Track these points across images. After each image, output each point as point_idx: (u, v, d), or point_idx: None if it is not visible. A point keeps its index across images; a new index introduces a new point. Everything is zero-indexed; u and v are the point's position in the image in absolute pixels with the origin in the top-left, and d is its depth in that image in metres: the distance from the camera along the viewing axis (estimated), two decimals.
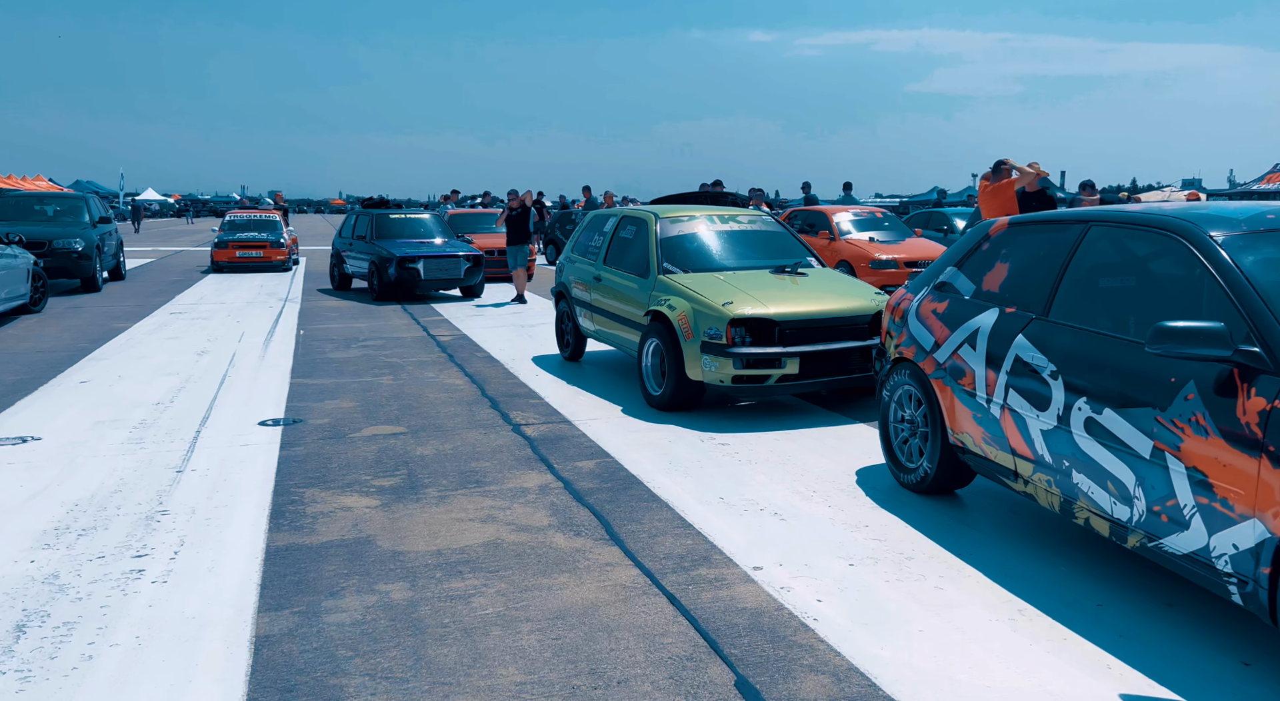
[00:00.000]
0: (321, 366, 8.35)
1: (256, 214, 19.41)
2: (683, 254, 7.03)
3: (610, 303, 7.50)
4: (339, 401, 6.89)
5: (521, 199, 13.78)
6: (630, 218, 7.73)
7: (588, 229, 8.51)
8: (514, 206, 13.70)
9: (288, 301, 13.61)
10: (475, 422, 6.22)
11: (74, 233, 14.44)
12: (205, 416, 6.36)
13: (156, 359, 8.64)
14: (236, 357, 8.74)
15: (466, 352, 9.19)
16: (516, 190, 13.98)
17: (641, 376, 6.69)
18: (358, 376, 7.89)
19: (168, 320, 11.40)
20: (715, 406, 6.63)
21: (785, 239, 7.46)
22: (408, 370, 8.21)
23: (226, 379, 7.70)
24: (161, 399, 6.89)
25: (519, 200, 13.76)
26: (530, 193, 13.91)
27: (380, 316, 12.07)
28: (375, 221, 14.69)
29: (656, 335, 6.48)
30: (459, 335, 10.40)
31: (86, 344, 9.47)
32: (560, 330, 8.83)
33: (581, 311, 8.18)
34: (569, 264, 8.62)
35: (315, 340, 9.92)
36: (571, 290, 8.41)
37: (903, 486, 4.62)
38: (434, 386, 7.47)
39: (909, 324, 4.58)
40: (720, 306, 6.10)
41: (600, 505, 4.48)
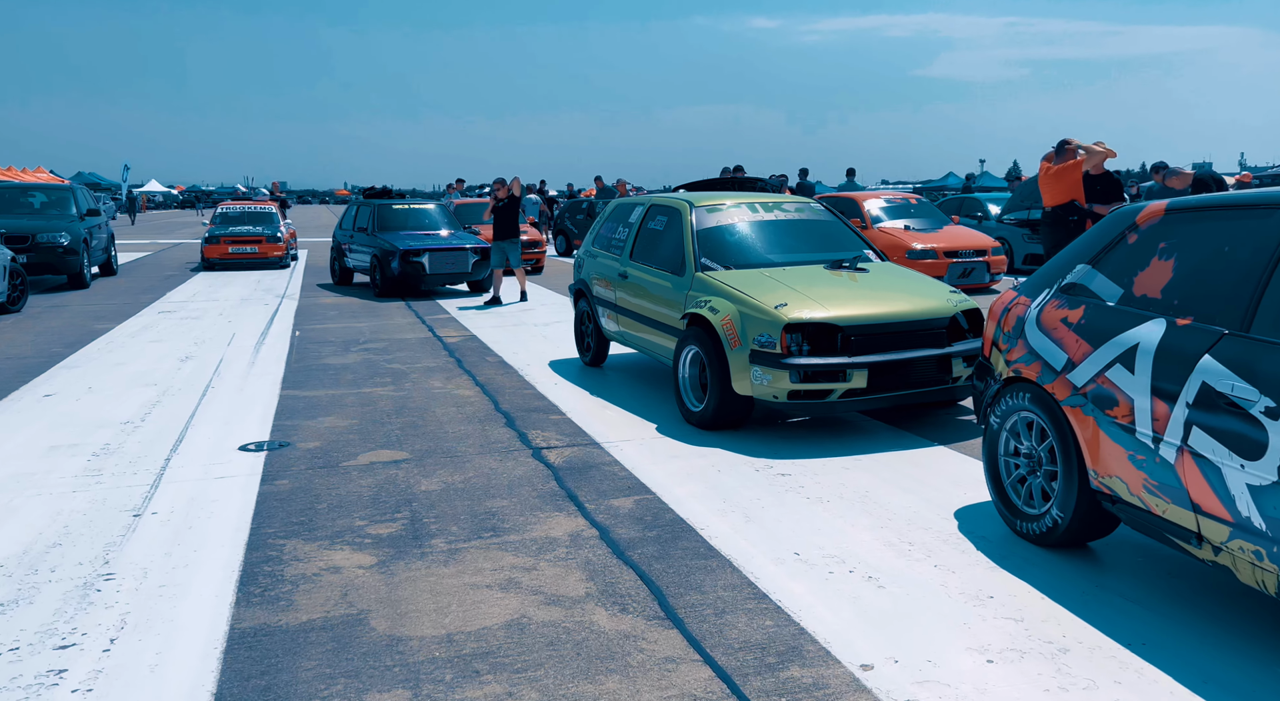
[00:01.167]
0: (317, 374, 7.47)
1: (251, 206, 17.93)
2: (723, 247, 6.13)
3: (638, 303, 6.60)
4: (334, 418, 6.01)
5: (509, 187, 12.17)
6: (660, 206, 6.81)
7: (610, 220, 7.60)
8: (501, 196, 12.09)
9: (285, 298, 12.74)
10: (489, 445, 5.34)
11: (59, 226, 13.58)
12: (179, 439, 5.49)
13: (135, 366, 7.77)
14: (224, 364, 7.87)
15: (476, 357, 8.30)
16: (504, 178, 12.39)
17: (678, 389, 5.79)
18: (356, 387, 7.01)
19: (154, 320, 10.54)
20: (764, 423, 5.74)
21: (838, 229, 6.54)
22: (412, 378, 7.33)
23: (209, 390, 6.83)
24: (132, 417, 6.02)
25: (506, 189, 12.15)
26: (518, 180, 12.34)
27: (383, 315, 11.19)
28: (377, 212, 13.80)
29: (695, 341, 5.59)
30: (467, 336, 9.51)
31: (61, 348, 8.61)
32: (579, 332, 7.93)
33: (604, 312, 7.29)
34: (589, 259, 7.72)
35: (312, 342, 9.05)
36: (592, 288, 7.52)
37: (1019, 536, 3.73)
38: (441, 399, 6.59)
39: (1027, 335, 3.68)
40: (772, 309, 5.20)
41: (647, 563, 3.60)
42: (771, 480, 4.59)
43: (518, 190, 12.18)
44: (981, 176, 41.91)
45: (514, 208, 12.02)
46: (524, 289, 12.32)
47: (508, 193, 12.05)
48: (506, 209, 11.99)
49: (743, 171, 14.26)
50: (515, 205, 12.05)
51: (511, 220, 12.00)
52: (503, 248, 12.02)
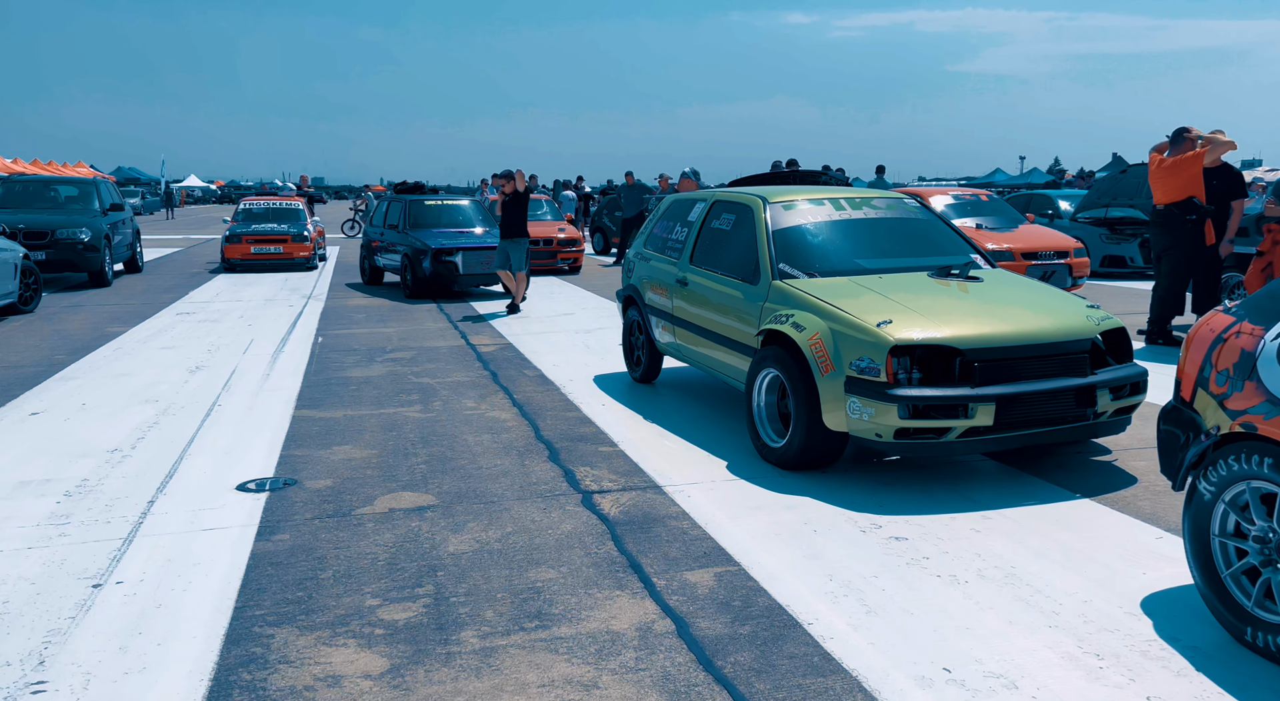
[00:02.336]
0: (336, 390, 6.63)
1: (276, 202, 16.33)
2: (805, 251, 5.17)
3: (700, 314, 5.67)
4: (351, 448, 5.15)
5: (514, 181, 10.66)
6: (726, 203, 5.87)
7: (665, 218, 6.67)
8: (507, 192, 10.64)
9: (310, 299, 11.98)
10: (530, 487, 4.44)
11: (80, 222, 12.93)
12: (169, 473, 4.66)
13: (139, 378, 6.99)
14: (235, 376, 7.06)
15: (513, 369, 7.43)
16: (510, 171, 10.74)
17: (752, 419, 4.86)
18: (379, 406, 6.16)
19: (171, 323, 9.79)
20: (856, 461, 4.78)
21: (938, 229, 5.56)
22: (441, 396, 6.46)
23: (215, 409, 6.01)
24: (122, 442, 5.21)
25: (512, 184, 10.63)
26: (521, 173, 10.78)
27: (412, 318, 10.36)
28: (409, 208, 12.99)
29: (774, 364, 4.65)
30: (503, 344, 8.64)
31: (64, 355, 7.87)
32: (629, 344, 7.02)
33: (658, 322, 6.37)
34: (640, 262, 6.80)
35: (334, 351, 8.23)
36: (644, 295, 6.60)
37: (1249, 648, 2.75)
38: (474, 423, 5.71)
39: (1264, 377, 2.70)
40: (874, 327, 4.25)
41: (746, 681, 2.67)
42: (884, 546, 3.64)
43: (523, 184, 10.78)
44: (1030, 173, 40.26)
45: (521, 204, 10.69)
46: (521, 299, 10.75)
47: (514, 187, 10.68)
48: (513, 205, 10.68)
49: (796, 165, 13.26)
50: (523, 201, 10.72)
51: (519, 218, 10.70)
52: (506, 248, 10.68)
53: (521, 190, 10.68)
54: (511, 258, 10.67)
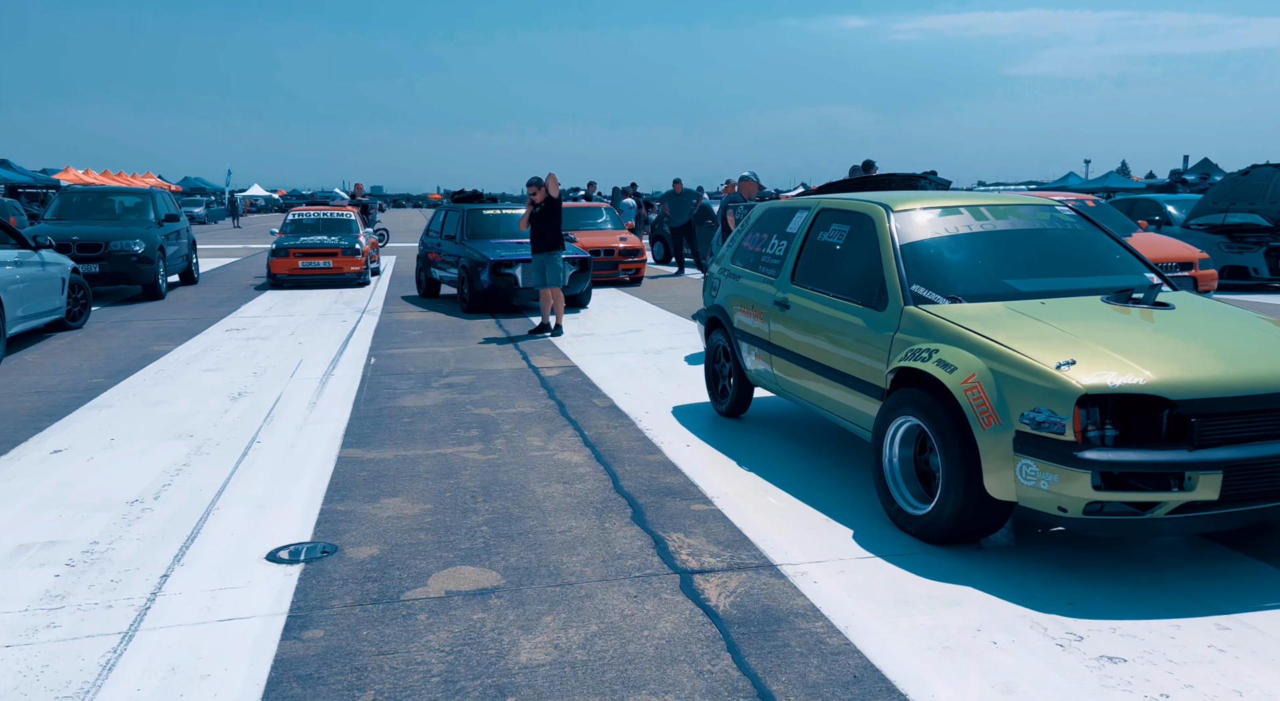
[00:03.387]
0: (387, 423, 5.90)
1: (327, 212, 15.08)
2: (944, 269, 4.26)
3: (807, 343, 4.79)
4: (401, 501, 4.39)
5: (545, 189, 9.50)
6: (837, 212, 4.99)
7: (758, 228, 5.81)
8: (537, 201, 9.52)
9: (364, 314, 11.36)
10: (615, 561, 3.61)
11: (134, 233, 12.53)
12: (192, 535, 3.93)
13: (176, 406, 6.35)
14: (279, 406, 6.38)
15: (581, 398, 6.62)
16: (539, 178, 9.59)
17: (883, 477, 3.96)
18: (434, 444, 5.40)
19: (218, 341, 9.22)
20: (1021, 533, 3.85)
21: (1102, 243, 4.59)
22: (504, 431, 5.68)
23: (253, 448, 5.31)
24: (145, 491, 4.52)
25: (543, 191, 9.51)
26: (554, 178, 9.64)
27: (470, 336, 9.64)
28: (466, 218, 12.32)
29: (915, 410, 3.75)
30: (567, 366, 7.85)
31: (103, 378, 7.29)
32: (713, 372, 6.16)
33: (750, 350, 5.50)
34: (727, 280, 5.95)
35: (387, 375, 7.52)
36: (733, 317, 5.74)
37: None
38: (542, 468, 4.91)
39: None
40: (1053, 369, 3.33)
41: None
42: (1098, 673, 2.72)
43: (556, 191, 9.66)
44: (1107, 176, 38.29)
45: (554, 214, 9.60)
46: (560, 322, 9.63)
47: (545, 195, 9.58)
48: (545, 215, 9.57)
49: (873, 167, 12.26)
50: (555, 210, 9.62)
51: (552, 229, 9.55)
52: (541, 263, 9.58)
53: (555, 197, 9.63)
54: (546, 273, 9.63)
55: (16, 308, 8.20)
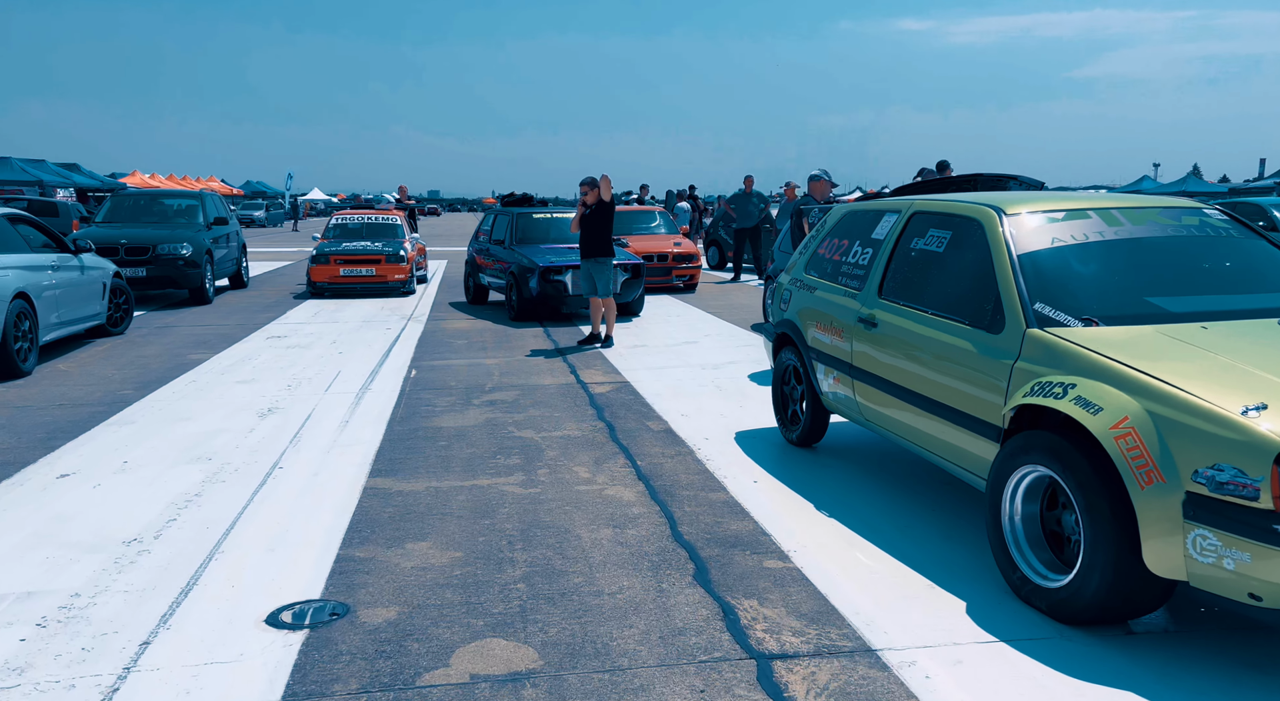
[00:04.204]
0: (422, 447, 5.34)
1: (372, 216, 14.09)
2: (1075, 285, 3.54)
3: (900, 368, 4.09)
4: (429, 546, 3.80)
5: (598, 190, 8.84)
6: (935, 215, 4.28)
7: (836, 234, 5.12)
8: (589, 203, 8.88)
9: (410, 321, 10.89)
10: (675, 638, 2.97)
11: (183, 236, 12.27)
12: (187, 587, 3.40)
13: (201, 423, 5.88)
14: (309, 424, 5.87)
15: (633, 419, 5.99)
16: (593, 178, 8.91)
17: (1003, 537, 3.26)
18: (470, 474, 4.82)
19: (258, 349, 8.81)
20: (1181, 612, 3.11)
21: (1262, 252, 3.80)
22: (548, 458, 5.08)
23: (274, 475, 4.79)
24: (146, 528, 4.01)
25: (595, 193, 8.86)
26: (608, 179, 8.91)
27: (517, 346, 9.09)
28: (515, 222, 11.80)
29: (1045, 458, 3.04)
30: (618, 382, 7.23)
31: (132, 389, 6.88)
32: (782, 395, 5.48)
33: (827, 372, 4.81)
34: (800, 291, 5.26)
35: (426, 389, 6.99)
36: (806, 334, 5.06)
37: None
38: (589, 506, 4.29)
39: None
40: (1236, 415, 2.60)
41: None
42: None
43: (608, 193, 8.93)
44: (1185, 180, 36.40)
45: (606, 218, 8.91)
46: (610, 332, 8.97)
47: (597, 197, 8.90)
48: (596, 219, 8.91)
49: (949, 169, 11.43)
50: (608, 214, 8.93)
51: (603, 234, 8.87)
52: (591, 270, 8.97)
53: (608, 200, 8.94)
54: (596, 282, 9.01)
55: (51, 314, 7.87)
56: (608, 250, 8.98)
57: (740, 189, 15.65)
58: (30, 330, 7.47)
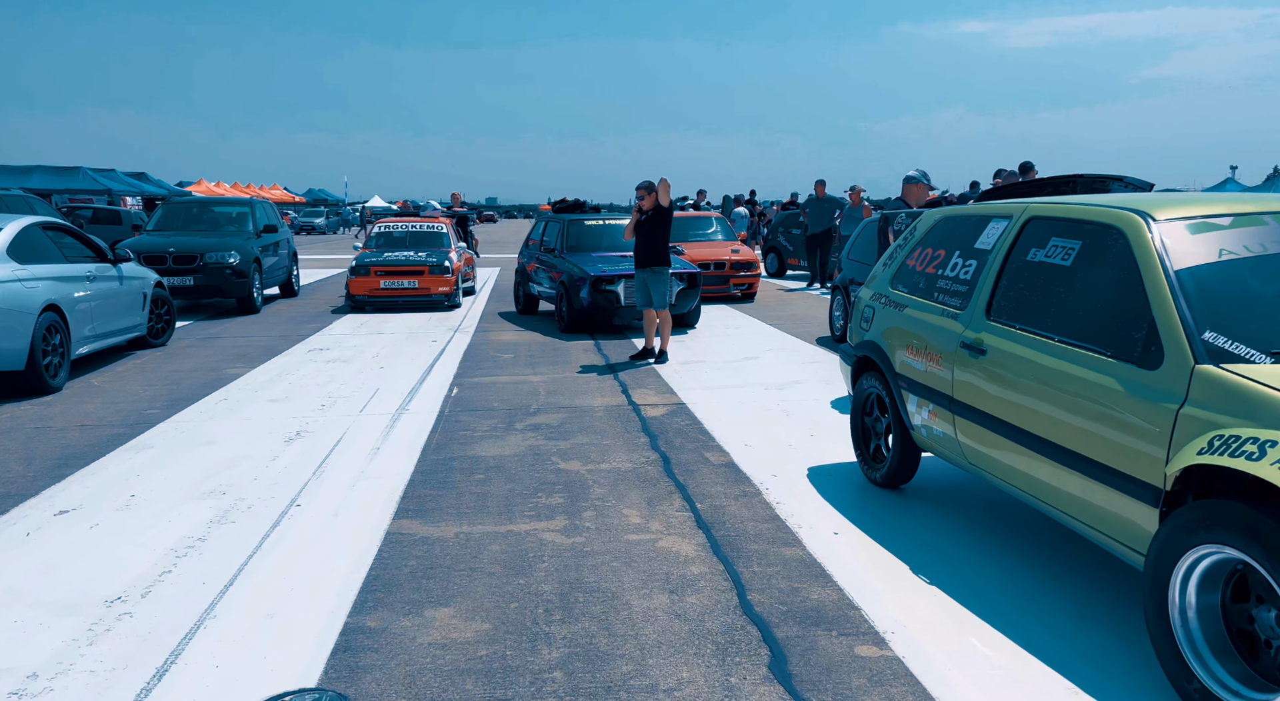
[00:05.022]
0: (456, 482, 4.76)
1: (418, 224, 13.14)
2: (1257, 310, 2.79)
3: (1020, 406, 3.36)
4: (452, 614, 3.20)
5: (656, 195, 8.19)
6: (1057, 220, 3.54)
7: (930, 243, 4.40)
8: (645, 208, 8.25)
9: (457, 332, 10.40)
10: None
11: (231, 245, 11.98)
12: (160, 670, 2.84)
13: (223, 448, 5.40)
14: (338, 451, 5.34)
15: (691, 450, 5.33)
16: (650, 182, 8.24)
17: (1173, 637, 2.51)
18: (507, 516, 4.21)
19: (297, 363, 8.37)
20: None
21: None
22: (595, 498, 4.45)
23: (290, 513, 4.25)
24: (133, 584, 3.48)
25: (653, 198, 8.22)
26: (666, 183, 8.21)
27: (566, 362, 8.50)
28: (567, 229, 11.24)
29: (1234, 537, 2.30)
30: (673, 404, 6.58)
31: (160, 408, 6.46)
32: (863, 427, 4.77)
33: (920, 404, 4.09)
34: (885, 309, 4.55)
35: (467, 410, 6.43)
36: (894, 359, 4.34)
37: None
38: (641, 563, 3.64)
39: None
40: None
41: None
42: None
43: (667, 199, 8.23)
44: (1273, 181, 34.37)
45: (663, 225, 8.25)
46: (665, 347, 8.33)
47: (655, 202, 8.25)
48: (653, 225, 8.25)
49: (1033, 171, 10.53)
50: (665, 221, 8.25)
51: (659, 242, 8.22)
52: (645, 279, 8.31)
53: (666, 205, 8.24)
54: (651, 293, 8.33)
55: (84, 327, 7.52)
56: (664, 259, 8.33)
57: (812, 194, 14.89)
58: (62, 344, 7.12)
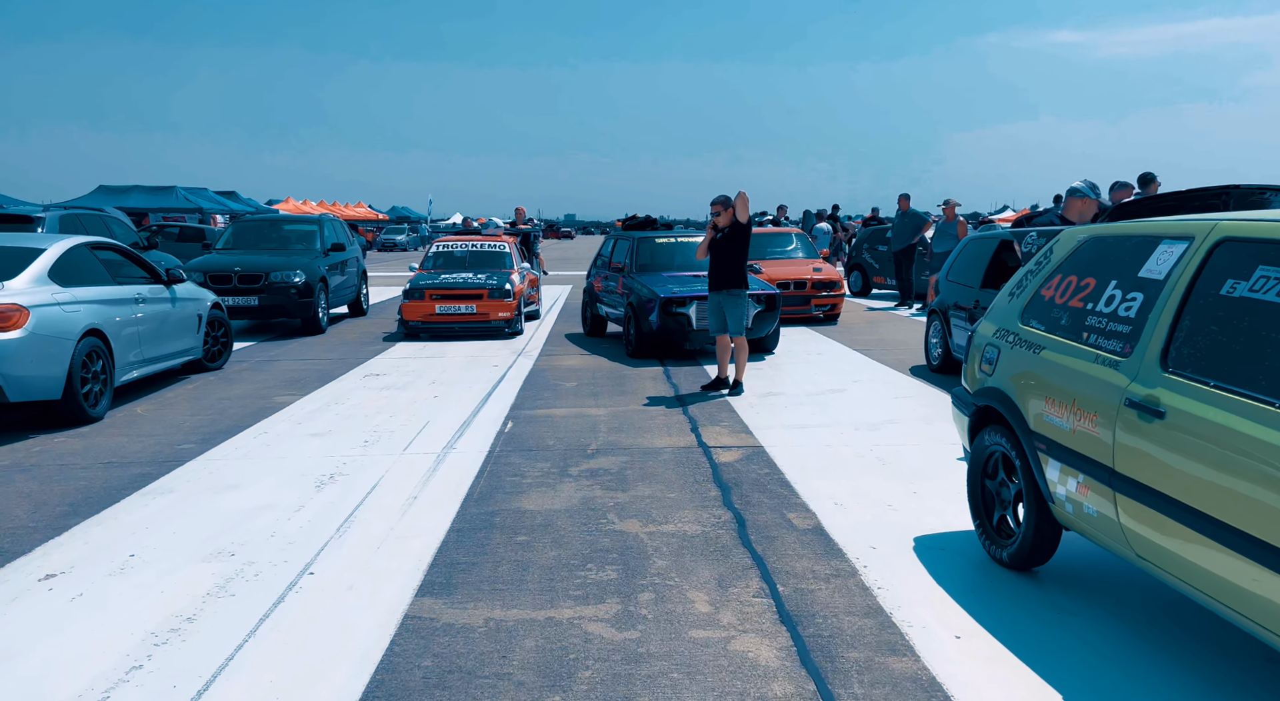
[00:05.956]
0: (494, 547, 4.06)
1: (478, 243, 12.16)
2: None
3: (1228, 489, 2.46)
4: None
5: (732, 210, 7.41)
6: (1264, 243, 2.63)
7: (1074, 269, 3.52)
8: (720, 225, 7.48)
9: (520, 356, 9.80)
10: None
11: (297, 264, 11.70)
12: None
13: (247, 495, 4.84)
14: (370, 501, 4.72)
15: (771, 509, 4.52)
16: (727, 197, 7.48)
17: None
18: (548, 597, 3.48)
19: (350, 390, 7.87)
20: None
21: None
22: (655, 574, 3.69)
23: (296, 588, 3.61)
24: (90, 685, 2.87)
25: (729, 213, 7.45)
26: (745, 197, 7.39)
27: (631, 391, 7.77)
28: (636, 247, 10.56)
29: None
30: (750, 448, 5.77)
31: (194, 443, 5.98)
32: (983, 491, 3.89)
33: (1067, 473, 3.21)
34: (1014, 349, 3.68)
35: (519, 452, 5.75)
36: (1026, 411, 3.47)
37: None
38: (708, 674, 2.86)
39: None
40: None
41: None
42: None
43: (745, 214, 7.40)
44: None
45: (740, 243, 7.41)
46: (740, 377, 7.51)
47: (731, 218, 7.46)
48: (729, 243, 7.44)
49: (1155, 183, 9.34)
50: (743, 239, 7.43)
51: (736, 261, 7.40)
52: (720, 303, 7.52)
53: (743, 222, 7.42)
54: (727, 317, 7.53)
55: (130, 352, 7.15)
56: (741, 281, 7.52)
57: (897, 209, 13.90)
58: (104, 370, 6.74)
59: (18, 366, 5.91)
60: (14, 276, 6.26)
